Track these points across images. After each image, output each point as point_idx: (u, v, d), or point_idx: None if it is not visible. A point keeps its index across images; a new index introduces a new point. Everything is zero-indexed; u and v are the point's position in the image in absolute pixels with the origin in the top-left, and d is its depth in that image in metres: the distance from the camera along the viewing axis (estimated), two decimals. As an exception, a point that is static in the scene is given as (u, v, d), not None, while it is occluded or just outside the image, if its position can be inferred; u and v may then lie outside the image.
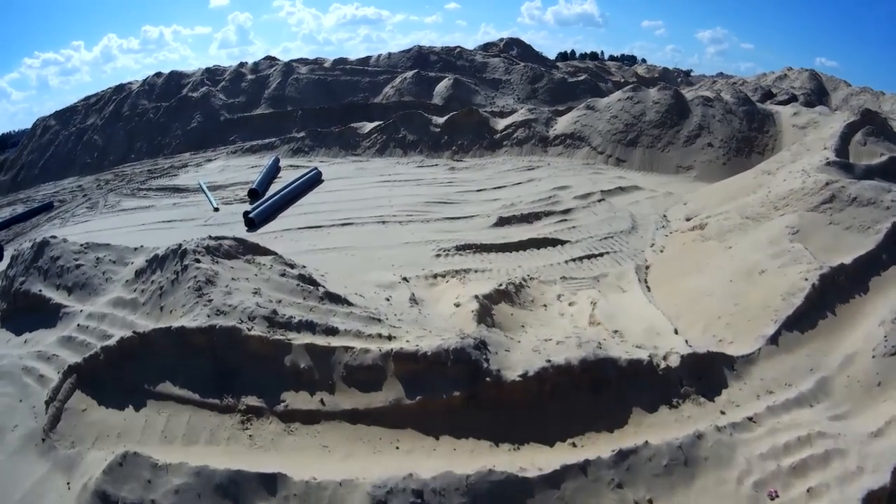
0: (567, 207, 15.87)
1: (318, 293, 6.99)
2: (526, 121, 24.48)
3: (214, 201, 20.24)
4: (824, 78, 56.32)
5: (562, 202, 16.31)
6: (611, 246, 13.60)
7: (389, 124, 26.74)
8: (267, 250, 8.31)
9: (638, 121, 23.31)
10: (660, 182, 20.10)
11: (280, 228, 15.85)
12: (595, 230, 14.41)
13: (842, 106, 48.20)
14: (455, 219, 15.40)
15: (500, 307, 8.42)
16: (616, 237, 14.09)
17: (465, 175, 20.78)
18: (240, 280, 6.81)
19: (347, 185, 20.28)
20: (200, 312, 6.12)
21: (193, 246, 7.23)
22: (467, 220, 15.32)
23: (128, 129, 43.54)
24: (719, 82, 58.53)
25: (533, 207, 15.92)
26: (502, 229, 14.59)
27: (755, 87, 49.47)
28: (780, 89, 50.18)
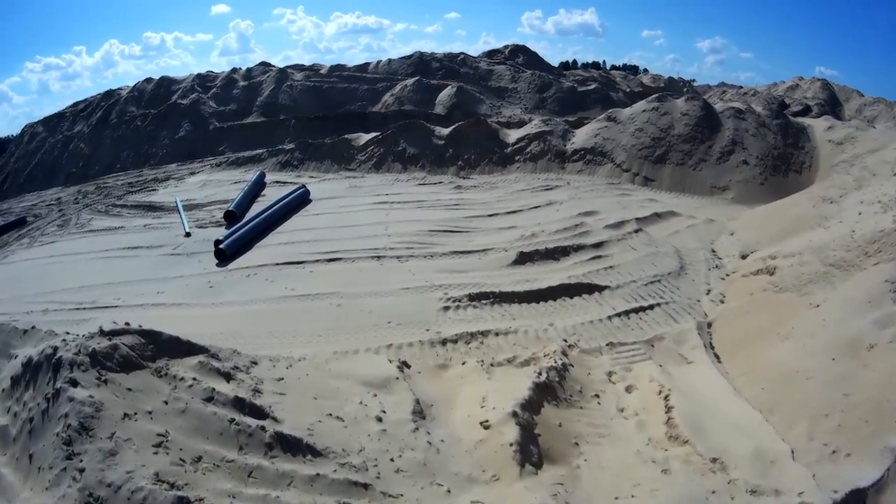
0: (599, 240, 13.30)
1: (264, 437, 4.41)
2: (540, 133, 21.94)
3: (187, 224, 17.70)
4: (836, 88, 54.30)
5: (591, 233, 13.74)
6: (660, 293, 11.04)
7: (387, 136, 24.09)
8: (192, 347, 5.60)
9: (666, 134, 20.81)
10: (695, 205, 17.60)
11: (254, 263, 13.27)
12: (637, 271, 11.84)
13: (855, 116, 46.49)
14: (465, 253, 12.81)
15: (544, 415, 5.84)
16: (664, 281, 11.54)
17: (473, 195, 18.22)
18: (138, 418, 4.22)
19: (338, 206, 17.71)
20: (66, 496, 3.55)
21: (73, 352, 4.59)
22: (480, 255, 12.73)
23: (115, 137, 41.09)
24: (729, 92, 56.23)
25: (558, 239, 13.36)
26: (523, 268, 12.01)
27: (767, 97, 47.26)
28: (792, 99, 48.15)
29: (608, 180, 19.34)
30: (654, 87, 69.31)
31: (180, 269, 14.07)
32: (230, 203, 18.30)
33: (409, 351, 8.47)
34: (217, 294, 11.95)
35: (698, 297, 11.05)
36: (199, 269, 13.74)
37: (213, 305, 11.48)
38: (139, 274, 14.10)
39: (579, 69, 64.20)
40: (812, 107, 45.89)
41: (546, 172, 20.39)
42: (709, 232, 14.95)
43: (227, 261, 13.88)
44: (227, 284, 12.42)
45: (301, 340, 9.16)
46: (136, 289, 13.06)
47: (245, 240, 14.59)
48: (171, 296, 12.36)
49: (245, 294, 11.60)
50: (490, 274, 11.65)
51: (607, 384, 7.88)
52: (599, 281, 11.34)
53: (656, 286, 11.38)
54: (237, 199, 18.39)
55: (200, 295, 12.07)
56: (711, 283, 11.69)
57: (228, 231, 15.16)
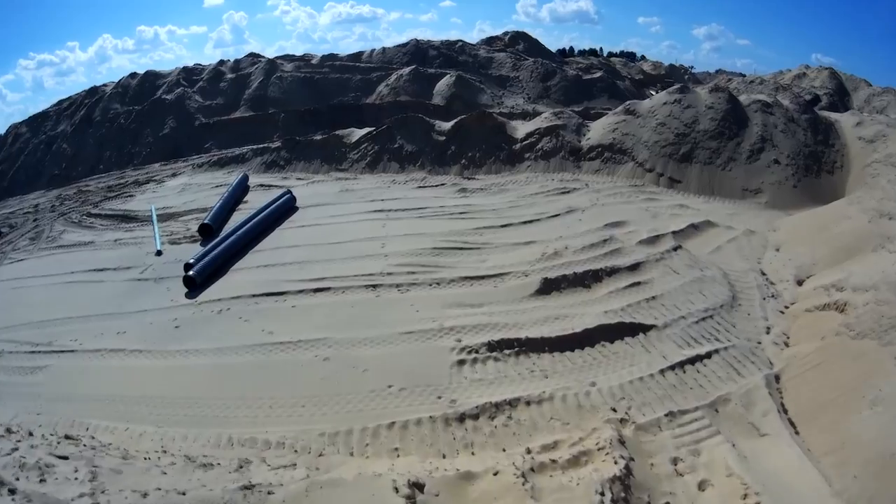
0: (634, 260, 11.38)
1: None
2: (552, 128, 19.88)
3: (159, 240, 15.72)
4: (844, 77, 52.31)
5: (624, 251, 11.82)
6: (714, 334, 9.19)
7: (382, 131, 21.91)
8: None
9: (690, 130, 18.81)
10: (728, 212, 15.70)
11: (227, 294, 11.31)
12: (685, 303, 9.94)
13: (864, 107, 44.80)
14: (478, 280, 10.86)
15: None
16: (717, 316, 9.67)
17: (480, 200, 16.23)
18: None
19: (327, 216, 15.69)
20: None
21: None
22: (496, 281, 10.79)
23: (98, 136, 38.98)
24: (735, 80, 54.05)
25: (586, 260, 11.43)
26: (549, 300, 10.09)
27: (775, 86, 45.21)
28: (800, 88, 46.21)
29: (630, 181, 17.35)
30: (655, 75, 67.37)
31: (146, 299, 12.16)
32: (206, 214, 16.28)
33: (418, 432, 6.60)
34: (183, 337, 10.03)
35: (758, 338, 9.23)
36: (166, 301, 11.81)
37: (178, 354, 9.59)
38: (102, 306, 12.27)
39: (577, 56, 61.85)
40: (821, 97, 44.09)
41: (560, 172, 18.37)
42: (752, 247, 13.08)
43: (198, 290, 11.94)
44: (194, 324, 10.49)
45: (279, 413, 7.27)
46: (97, 326, 11.37)
47: (218, 263, 12.62)
48: (132, 338, 10.55)
49: (214, 339, 9.68)
50: (510, 309, 9.73)
51: (675, 479, 6.04)
52: (643, 318, 9.45)
53: (709, 324, 9.51)
54: (214, 210, 16.35)
55: (164, 338, 10.16)
56: (770, 317, 9.85)
57: (201, 252, 13.19)
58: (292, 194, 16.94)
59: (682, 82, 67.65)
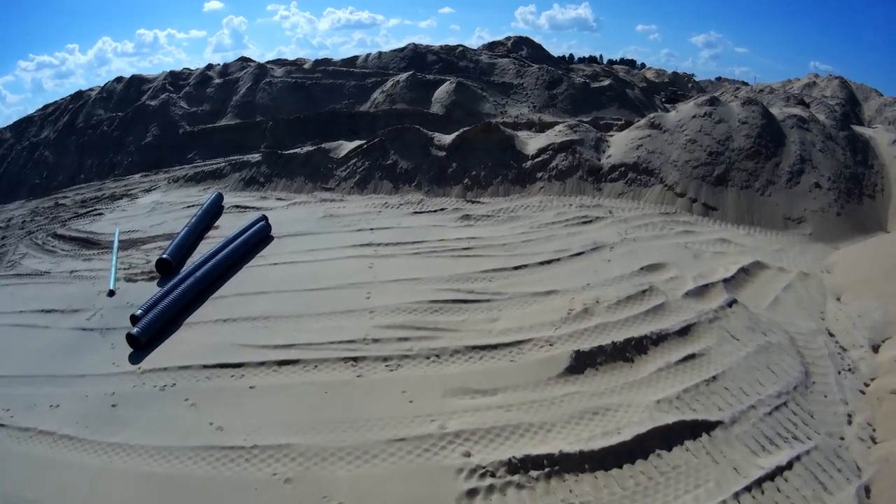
0: (684, 321, 9.26)
1: None
2: (568, 143, 17.69)
3: (115, 277, 13.54)
4: (854, 86, 50.48)
5: (669, 307, 9.68)
6: (791, 428, 7.21)
7: (374, 145, 19.54)
8: None
9: (724, 148, 16.69)
10: (774, 246, 13.63)
11: (175, 363, 9.11)
12: (752, 385, 7.84)
13: (875, 117, 42.99)
14: (488, 350, 8.68)
15: None
16: (791, 402, 7.61)
17: (487, 231, 14.05)
18: None
19: (305, 249, 13.48)
20: None
21: None
22: (512, 352, 8.61)
23: (80, 143, 36.74)
24: (743, 89, 51.99)
25: (625, 321, 9.32)
26: (584, 382, 7.94)
27: (786, 95, 43.08)
28: (811, 98, 44.28)
29: (660, 208, 15.18)
30: (659, 83, 65.50)
31: (87, 359, 10.06)
32: (168, 245, 14.03)
33: None
34: (119, 423, 7.93)
35: (841, 432, 7.19)
36: (108, 363, 9.68)
37: (110, 449, 7.51)
38: (41, 363, 10.29)
39: (579, 64, 59.74)
40: (833, 107, 42.16)
41: (578, 195, 16.17)
42: (811, 296, 11.01)
43: (143, 351, 9.76)
44: (134, 403, 8.36)
45: None
46: (31, 393, 9.35)
47: (169, 316, 10.43)
48: (65, 415, 8.53)
49: (154, 431, 7.55)
50: (534, 398, 7.56)
51: None
52: (705, 410, 7.35)
53: (784, 414, 7.43)
54: (177, 240, 14.07)
55: (99, 421, 8.09)
56: (850, 400, 7.76)
57: (152, 299, 11.01)
58: (267, 221, 14.72)
59: (686, 90, 66.04)
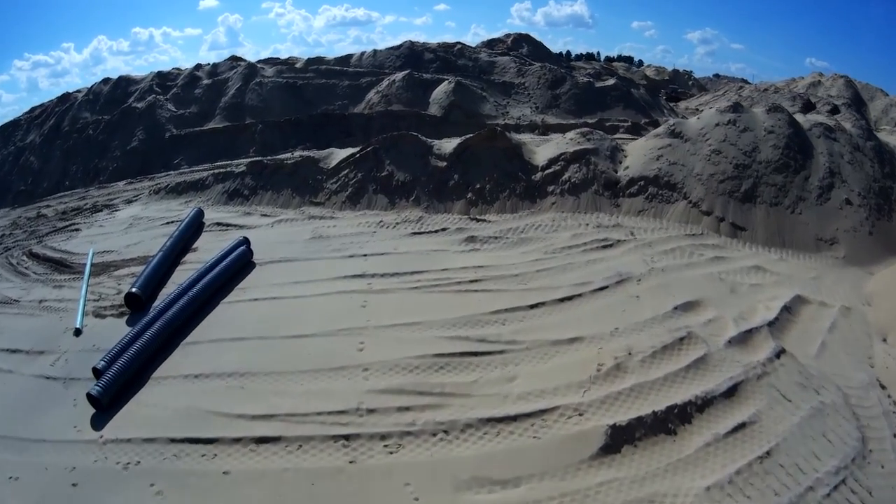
0: (730, 379, 7.95)
1: None
2: (581, 153, 16.24)
3: (82, 311, 12.12)
4: (859, 85, 49.55)
5: (712, 360, 8.36)
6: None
7: (368, 154, 17.89)
8: None
9: (751, 160, 15.37)
10: (809, 272, 12.40)
11: (140, 434, 7.67)
12: (808, 459, 6.62)
13: (881, 118, 41.99)
14: (507, 422, 7.29)
15: None
16: (849, 479, 6.53)
17: (496, 256, 12.63)
18: None
19: (289, 280, 11.96)
20: None
21: None
22: (535, 426, 7.23)
23: (65, 148, 35.23)
24: (748, 88, 50.67)
25: (663, 380, 7.99)
26: (622, 465, 6.59)
27: (791, 95, 42.14)
28: (817, 98, 43.34)
29: (685, 228, 13.82)
30: (659, 80, 64.21)
31: (48, 419, 8.68)
32: (139, 275, 12.54)
33: None
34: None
35: None
36: (69, 427, 8.32)
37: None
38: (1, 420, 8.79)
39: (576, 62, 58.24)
40: (839, 107, 41.15)
41: (594, 212, 14.74)
42: (856, 336, 9.80)
43: (106, 411, 8.38)
44: (94, 484, 7.01)
45: None
46: None
47: (133, 370, 9.02)
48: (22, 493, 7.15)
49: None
50: (564, 490, 6.20)
51: None
52: (762, 499, 6.03)
53: (842, 494, 6.16)
54: (148, 270, 12.55)
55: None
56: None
57: (117, 347, 9.60)
58: (248, 245, 13.25)
59: (686, 88, 64.61)
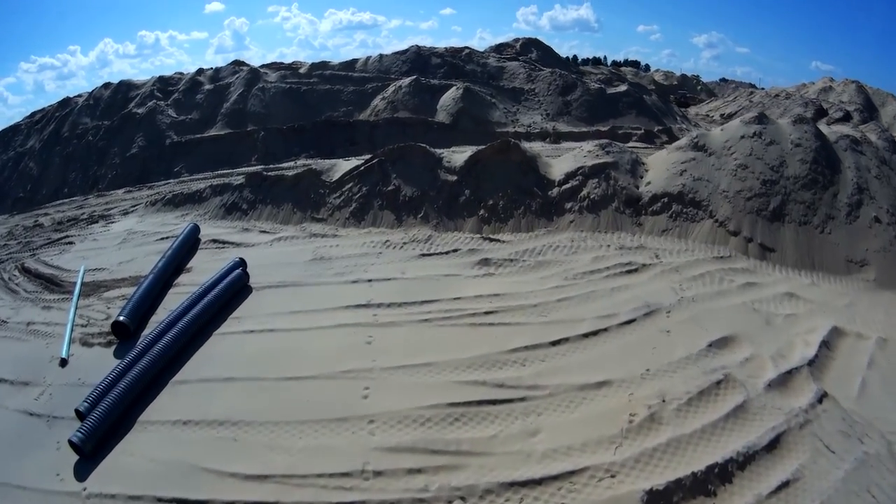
0: (772, 430, 7.17)
1: None
2: (601, 167, 15.39)
3: (69, 339, 11.37)
4: (870, 91, 48.70)
5: (751, 407, 7.56)
6: None
7: (373, 167, 16.92)
8: None
9: (778, 175, 14.55)
10: (841, 299, 11.63)
11: (125, 489, 6.91)
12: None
13: (893, 124, 41.23)
14: (532, 487, 6.50)
15: None
16: None
17: (513, 283, 11.77)
18: None
19: (288, 310, 11.06)
20: None
21: None
22: (561, 489, 6.44)
23: (64, 154, 34.64)
24: (758, 93, 49.78)
25: (701, 432, 7.18)
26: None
27: (803, 101, 41.35)
28: (829, 104, 42.55)
29: (712, 249, 12.98)
30: (668, 85, 63.41)
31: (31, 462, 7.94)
32: (127, 302, 11.74)
33: None
34: None
35: None
36: (52, 475, 7.59)
37: None
38: None
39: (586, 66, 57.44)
40: (851, 113, 40.35)
41: (615, 231, 13.91)
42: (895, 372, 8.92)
43: (89, 459, 7.65)
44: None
45: None
46: None
47: (118, 412, 8.26)
48: None
49: None
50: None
51: None
52: None
53: None
54: (137, 295, 11.75)
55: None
56: None
57: (100, 387, 8.83)
58: (244, 268, 12.43)
59: (695, 93, 63.62)
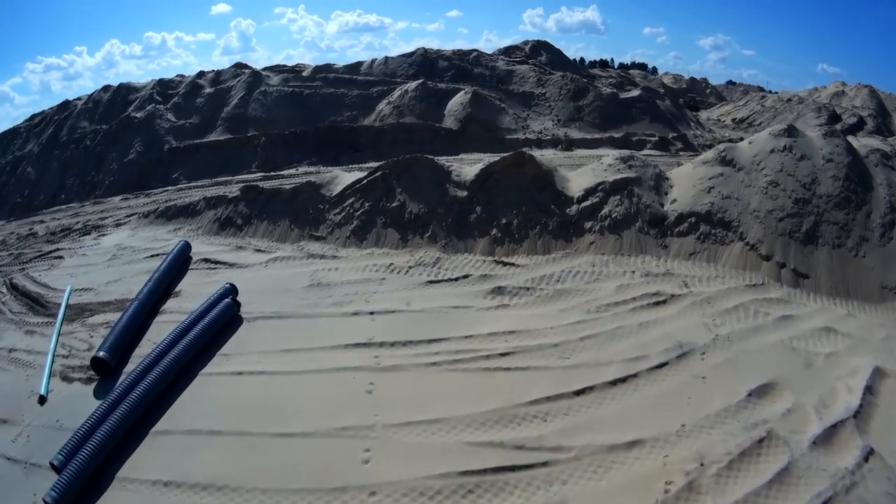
0: (818, 497, 6.34)
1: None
2: (623, 182, 14.23)
3: (48, 377, 10.54)
4: (883, 95, 47.81)
5: (796, 470, 6.65)
6: None
7: (376, 181, 15.59)
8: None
9: (811, 194, 13.58)
10: (878, 331, 10.64)
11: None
12: None
13: None
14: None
15: None
16: None
17: (530, 318, 10.62)
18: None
19: (281, 348, 10.00)
20: None
21: None
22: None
23: (62, 159, 33.92)
24: (770, 98, 48.64)
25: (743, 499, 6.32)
26: None
27: (816, 106, 40.38)
28: (842, 109, 41.64)
29: (743, 276, 11.97)
30: (677, 89, 62.30)
31: None
32: (107, 335, 10.82)
33: None
34: None
35: None
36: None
37: None
38: None
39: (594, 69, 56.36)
40: (865, 118, 39.40)
41: (639, 254, 12.85)
42: None
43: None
44: None
45: None
46: None
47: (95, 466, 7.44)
48: None
49: None
50: None
51: None
52: None
53: None
54: (120, 326, 10.80)
55: None
56: None
57: (75, 437, 7.99)
58: (234, 296, 11.48)
59: (704, 96, 62.35)
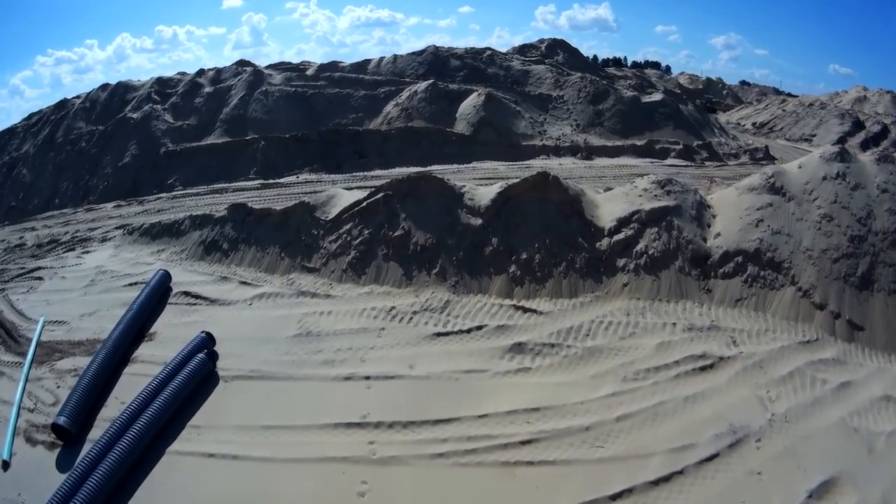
0: None
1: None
2: (660, 212, 12.74)
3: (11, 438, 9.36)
4: None
5: None
6: None
7: (377, 203, 13.87)
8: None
9: (866, 230, 12.12)
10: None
11: None
12: None
13: None
14: None
15: None
16: None
17: (555, 388, 9.21)
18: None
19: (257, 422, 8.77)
20: None
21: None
22: None
23: (57, 161, 32.61)
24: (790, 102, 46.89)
25: None
26: None
27: (839, 112, 38.75)
28: (865, 115, 40.05)
29: (794, 328, 10.46)
30: (693, 89, 60.24)
31: None
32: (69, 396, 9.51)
33: None
34: None
35: None
36: None
37: None
38: None
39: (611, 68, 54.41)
40: (889, 126, 37.84)
41: (680, 300, 11.33)
42: None
43: None
44: None
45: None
46: None
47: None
48: None
49: None
50: None
51: None
52: None
53: None
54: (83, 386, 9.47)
55: None
56: None
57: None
58: (211, 347, 10.17)
59: (720, 97, 60.11)
